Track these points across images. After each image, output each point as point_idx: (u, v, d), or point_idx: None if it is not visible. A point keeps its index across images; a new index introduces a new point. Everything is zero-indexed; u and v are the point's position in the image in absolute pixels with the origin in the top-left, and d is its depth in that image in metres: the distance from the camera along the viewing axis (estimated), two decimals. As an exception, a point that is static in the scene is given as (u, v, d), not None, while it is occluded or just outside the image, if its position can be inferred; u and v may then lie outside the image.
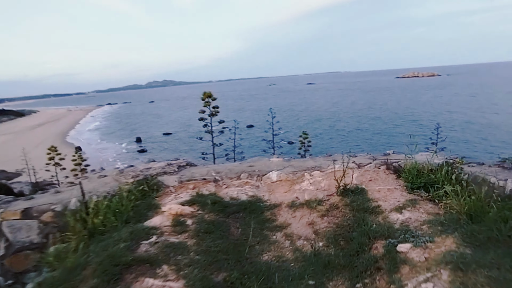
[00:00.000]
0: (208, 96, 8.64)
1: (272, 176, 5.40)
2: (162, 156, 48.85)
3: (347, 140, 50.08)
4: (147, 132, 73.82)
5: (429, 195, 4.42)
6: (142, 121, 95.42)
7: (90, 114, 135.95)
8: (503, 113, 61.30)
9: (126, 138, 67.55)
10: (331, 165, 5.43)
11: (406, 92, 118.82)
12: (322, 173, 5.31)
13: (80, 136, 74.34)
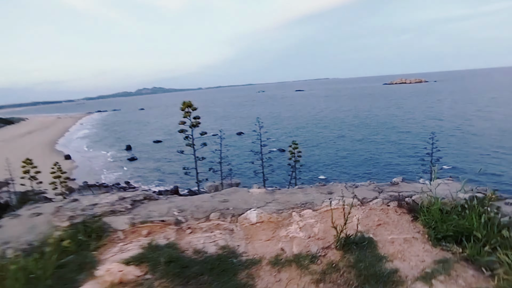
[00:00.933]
0: (188, 106, 7.44)
1: (251, 216, 4.08)
2: (152, 165, 47.25)
3: (337, 148, 49.26)
4: (137, 139, 72.11)
5: (464, 252, 3.15)
6: (132, 129, 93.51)
7: (79, 121, 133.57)
8: (487, 121, 61.60)
9: (115, 146, 65.83)
10: (326, 201, 4.16)
11: (394, 99, 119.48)
12: (315, 213, 4.01)
13: (70, 144, 72.51)
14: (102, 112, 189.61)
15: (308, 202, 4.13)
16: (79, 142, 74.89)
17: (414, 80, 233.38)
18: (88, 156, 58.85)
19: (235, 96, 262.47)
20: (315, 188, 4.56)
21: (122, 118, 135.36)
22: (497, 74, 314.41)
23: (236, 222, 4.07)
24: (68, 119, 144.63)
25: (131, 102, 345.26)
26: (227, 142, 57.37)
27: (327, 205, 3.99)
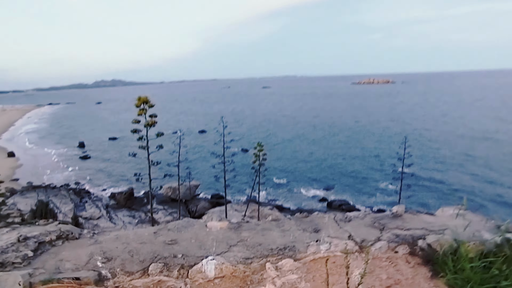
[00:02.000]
0: (144, 102, 6.10)
1: (208, 268, 2.80)
2: (106, 165, 43.93)
3: (301, 149, 49.24)
4: (92, 136, 67.33)
5: None
6: (87, 124, 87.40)
7: (27, 114, 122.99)
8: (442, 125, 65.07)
9: (67, 143, 60.96)
10: (311, 244, 3.04)
11: (363, 99, 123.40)
12: (297, 264, 2.81)
13: (14, 139, 66.56)
14: (54, 105, 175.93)
15: (287, 245, 2.99)
16: (26, 138, 68.61)
17: (381, 80, 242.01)
18: (35, 153, 53.76)
19: (199, 92, 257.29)
20: (295, 222, 3.46)
21: (76, 112, 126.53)
22: (462, 77, 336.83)
23: (187, 277, 2.81)
24: (14, 112, 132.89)
25: (87, 94, 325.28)
26: (189, 140, 55.46)
27: (314, 252, 2.87)
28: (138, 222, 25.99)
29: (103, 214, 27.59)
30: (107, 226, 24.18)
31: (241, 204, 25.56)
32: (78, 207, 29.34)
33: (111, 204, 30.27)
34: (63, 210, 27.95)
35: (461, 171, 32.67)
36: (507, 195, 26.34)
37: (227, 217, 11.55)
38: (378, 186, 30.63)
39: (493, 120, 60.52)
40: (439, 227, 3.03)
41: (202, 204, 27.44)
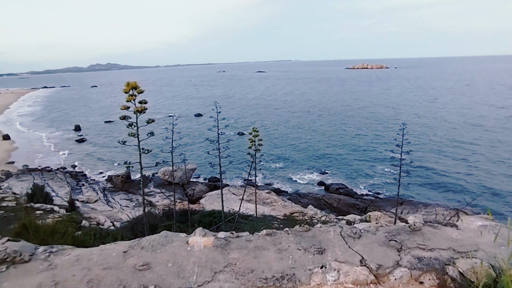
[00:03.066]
0: (133, 87, 5.38)
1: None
2: (102, 148, 43.14)
3: (296, 134, 48.61)
4: (87, 119, 66.20)
5: None
6: (82, 107, 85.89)
7: (22, 97, 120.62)
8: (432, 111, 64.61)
9: (63, 126, 59.91)
10: (316, 271, 2.37)
11: (357, 83, 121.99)
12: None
13: (10, 122, 64.95)
14: (49, 88, 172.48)
15: (285, 273, 2.29)
16: (21, 121, 67.17)
17: (375, 65, 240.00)
18: (30, 136, 52.61)
19: (194, 76, 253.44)
20: (294, 237, 2.75)
21: (71, 96, 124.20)
22: (453, 63, 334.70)
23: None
24: (9, 95, 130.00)
25: (82, 78, 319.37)
26: (185, 124, 54.73)
27: (319, 283, 2.21)
28: (135, 205, 25.55)
29: (100, 198, 27.06)
30: (104, 210, 23.70)
31: (238, 187, 25.09)
32: (75, 190, 28.75)
33: (108, 187, 29.71)
34: (60, 193, 27.33)
35: (454, 158, 32.33)
36: (498, 184, 26.17)
37: (224, 202, 10.98)
38: (375, 170, 30.21)
39: (481, 105, 60.21)
40: (469, 247, 2.36)
41: (199, 187, 26.94)
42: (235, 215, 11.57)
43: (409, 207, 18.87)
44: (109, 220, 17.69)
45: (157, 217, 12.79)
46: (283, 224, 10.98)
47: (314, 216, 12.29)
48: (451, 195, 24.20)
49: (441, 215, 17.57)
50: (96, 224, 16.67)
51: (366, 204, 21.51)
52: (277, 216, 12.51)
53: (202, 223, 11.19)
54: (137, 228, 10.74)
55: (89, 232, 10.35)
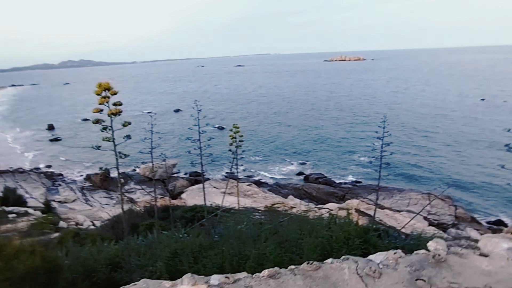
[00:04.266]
0: (106, 89, 4.91)
1: None
2: (79, 147, 41.33)
3: (276, 126, 48.66)
4: (62, 118, 63.17)
5: None
6: (55, 106, 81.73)
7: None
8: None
9: (35, 126, 56.73)
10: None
11: (336, 75, 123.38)
12: None
13: (-25, 123, 61.01)
14: (17, 87, 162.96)
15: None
16: (-13, 122, 63.42)
17: (353, 57, 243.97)
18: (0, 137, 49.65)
19: (172, 71, 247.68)
20: (303, 280, 2.41)
21: (42, 94, 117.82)
22: (429, 54, 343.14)
23: None
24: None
25: (54, 75, 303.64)
26: (165, 119, 53.45)
27: None
28: (115, 203, 24.87)
29: (78, 197, 26.06)
30: (83, 209, 22.81)
31: (219, 181, 24.86)
32: (51, 191, 27.53)
33: (87, 186, 28.64)
34: (34, 195, 26.05)
35: (424, 146, 33.43)
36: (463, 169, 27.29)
37: (205, 196, 10.70)
38: (352, 160, 30.75)
39: (455, 96, 61.93)
40: (507, 282, 2.07)
41: (180, 183, 26.48)
42: (218, 210, 11.39)
43: (384, 194, 19.52)
44: (88, 220, 17.02)
45: (138, 214, 12.39)
46: (264, 216, 10.93)
47: (294, 206, 12.32)
48: (422, 181, 25.09)
49: (414, 199, 18.26)
50: (74, 224, 15.98)
51: (344, 192, 22.02)
52: (258, 208, 12.47)
53: (184, 218, 10.95)
54: (118, 227, 10.35)
55: (66, 235, 9.86)
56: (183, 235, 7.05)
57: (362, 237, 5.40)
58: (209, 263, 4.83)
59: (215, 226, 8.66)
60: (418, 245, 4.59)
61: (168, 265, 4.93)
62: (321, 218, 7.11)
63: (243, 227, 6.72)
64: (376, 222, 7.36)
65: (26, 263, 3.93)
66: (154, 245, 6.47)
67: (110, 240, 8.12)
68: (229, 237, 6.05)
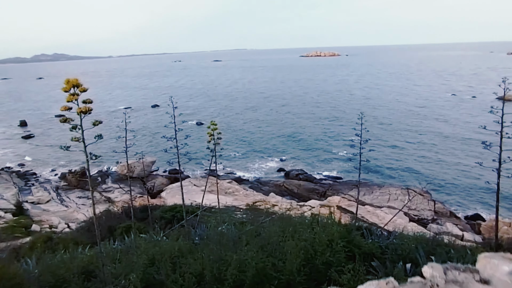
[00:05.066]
0: (74, 86, 4.40)
1: None
2: (53, 144, 39.45)
3: (252, 121, 48.50)
4: (34, 114, 60.25)
5: None
6: (28, 101, 77.73)
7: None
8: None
9: (6, 122, 53.96)
10: None
11: (312, 70, 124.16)
12: None
13: None
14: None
15: None
16: (-45, 118, 59.41)
17: (328, 53, 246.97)
18: (-34, 134, 46.78)
19: (149, 66, 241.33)
20: None
21: (14, 89, 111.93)
22: (400, 51, 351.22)
23: None
24: None
25: (26, 69, 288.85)
26: (142, 115, 51.96)
27: None
28: (94, 201, 23.85)
29: (53, 197, 24.83)
30: (58, 210, 21.75)
31: (199, 178, 24.39)
32: (23, 191, 26.08)
33: (62, 186, 27.34)
34: (5, 196, 24.59)
35: (400, 142, 34.04)
36: (439, 164, 27.93)
37: (185, 194, 10.38)
38: (331, 156, 30.89)
39: (426, 92, 63.60)
40: None
41: (159, 180, 25.79)
42: (199, 210, 11.06)
43: (365, 189, 19.71)
44: (63, 222, 16.20)
45: (116, 215, 11.85)
46: (246, 214, 10.73)
47: (276, 204, 12.18)
48: (400, 176, 25.44)
49: (394, 195, 18.54)
50: (48, 227, 15.14)
51: (325, 189, 22.00)
52: (239, 207, 12.24)
53: (164, 219, 10.55)
54: (94, 230, 9.82)
55: (37, 240, 9.24)
56: (162, 238, 6.72)
57: (346, 238, 5.29)
58: (187, 271, 4.54)
59: (195, 227, 8.36)
60: (401, 245, 4.52)
61: (145, 274, 4.61)
62: (303, 218, 6.97)
63: (223, 228, 6.47)
64: (358, 219, 7.36)
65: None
66: (131, 250, 6.11)
67: (85, 246, 7.65)
68: (210, 240, 5.79)
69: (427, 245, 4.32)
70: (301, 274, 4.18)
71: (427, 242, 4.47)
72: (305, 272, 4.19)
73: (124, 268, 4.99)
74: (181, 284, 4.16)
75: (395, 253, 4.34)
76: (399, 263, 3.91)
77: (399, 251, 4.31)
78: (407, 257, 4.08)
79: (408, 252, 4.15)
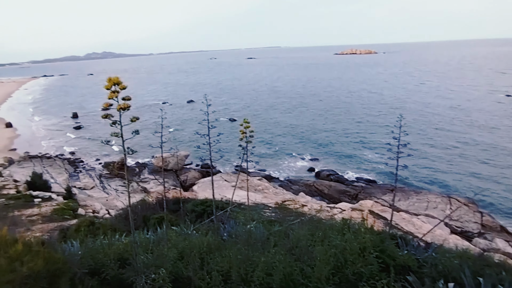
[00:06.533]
0: (115, 83, 4.58)
1: None
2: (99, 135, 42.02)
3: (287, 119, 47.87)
4: (84, 107, 64.80)
5: None
6: (79, 95, 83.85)
7: (24, 86, 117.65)
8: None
9: (61, 113, 58.61)
10: None
11: (346, 68, 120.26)
12: None
13: (12, 110, 63.53)
14: (49, 77, 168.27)
15: None
16: (23, 109, 65.74)
17: (364, 51, 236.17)
18: (31, 124, 51.53)
19: (186, 63, 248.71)
20: None
21: (69, 83, 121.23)
22: (443, 47, 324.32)
23: None
24: (11, 84, 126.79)
25: (79, 66, 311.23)
26: (178, 110, 53.53)
27: None
28: (131, 191, 25.06)
29: (96, 184, 26.40)
30: (100, 196, 23.08)
31: (230, 174, 24.59)
32: (73, 177, 28.04)
33: (104, 174, 29.00)
34: (58, 180, 26.59)
35: (443, 146, 31.32)
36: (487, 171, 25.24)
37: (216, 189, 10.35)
38: (365, 158, 29.30)
39: (476, 91, 57.85)
40: None
41: (192, 174, 26.37)
42: (229, 206, 11.09)
43: (400, 195, 18.44)
44: (104, 208, 17.11)
45: (150, 206, 12.24)
46: (275, 213, 10.55)
47: (305, 204, 11.87)
48: (441, 183, 23.26)
49: (433, 202, 17.17)
50: (92, 212, 16.07)
51: (357, 191, 20.95)
52: (268, 205, 12.10)
53: (195, 212, 10.70)
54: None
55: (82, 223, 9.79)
56: (192, 232, 6.76)
57: (379, 247, 4.92)
58: (215, 269, 4.46)
59: (224, 223, 8.36)
60: (443, 260, 4.08)
61: (174, 268, 4.61)
62: (333, 222, 6.65)
63: (252, 226, 6.36)
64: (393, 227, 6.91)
65: (29, 265, 3.64)
66: (163, 242, 6.21)
67: (122, 233, 7.92)
68: (238, 238, 5.71)
69: (474, 263, 3.86)
70: (329, 283, 3.92)
71: (474, 259, 4.00)
72: (334, 281, 3.93)
73: (155, 259, 5.05)
74: (207, 282, 4.09)
75: (434, 269, 3.93)
76: (439, 281, 3.52)
77: (439, 267, 3.89)
78: (449, 275, 3.67)
79: (450, 270, 3.72)
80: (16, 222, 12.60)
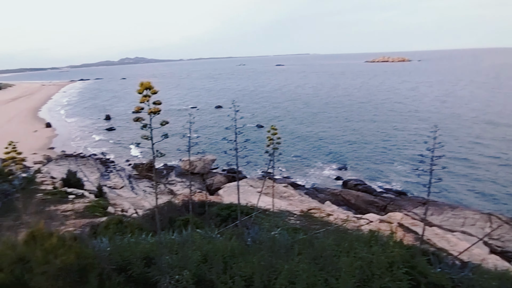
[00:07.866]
0: (147, 88, 4.87)
1: None
2: (130, 137, 43.89)
3: (314, 127, 47.29)
4: (117, 109, 68.15)
5: None
6: (113, 98, 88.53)
7: (62, 89, 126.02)
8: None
9: (95, 115, 62.10)
10: None
11: (376, 77, 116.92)
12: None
13: (52, 111, 68.04)
14: (85, 81, 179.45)
15: None
16: (60, 110, 70.51)
17: (396, 58, 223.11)
18: (68, 124, 55.00)
19: (215, 69, 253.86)
20: None
21: (103, 87, 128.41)
22: (483, 55, 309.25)
23: None
24: (52, 87, 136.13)
25: (113, 71, 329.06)
26: (206, 115, 54.71)
27: None
28: (158, 192, 25.82)
29: (125, 184, 27.46)
30: (129, 196, 23.97)
31: (256, 180, 24.63)
32: (104, 176, 29.38)
33: (133, 175, 30.13)
34: (90, 178, 27.98)
35: (483, 158, 29.26)
36: None
37: (241, 194, 10.45)
38: (395, 168, 28.16)
39: None
40: None
41: (218, 178, 26.70)
42: (254, 211, 11.11)
43: (433, 209, 17.48)
44: (132, 208, 17.75)
45: (176, 207, 12.56)
46: (300, 221, 10.43)
47: (331, 213, 11.62)
48: (481, 198, 21.83)
49: (471, 219, 16.08)
50: (120, 211, 16.75)
51: (386, 203, 20.14)
52: (294, 212, 11.98)
53: (220, 216, 10.82)
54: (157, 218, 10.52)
55: (111, 221, 10.25)
56: (216, 236, 6.85)
57: (409, 262, 4.72)
58: (238, 273, 4.49)
59: (249, 228, 8.39)
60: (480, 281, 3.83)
61: (197, 270, 4.70)
62: (360, 233, 6.46)
63: (276, 233, 6.34)
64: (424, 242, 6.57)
65: (62, 258, 3.87)
66: (187, 244, 6.33)
67: (148, 232, 8.19)
68: (262, 244, 5.70)
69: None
70: (355, 295, 3.82)
71: (516, 283, 3.72)
72: (359, 294, 3.82)
73: (179, 260, 5.17)
74: (230, 286, 4.12)
75: (471, 290, 3.70)
76: (476, 303, 3.31)
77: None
78: (487, 298, 3.44)
79: (488, 292, 3.49)
80: (52, 217, 13.40)
